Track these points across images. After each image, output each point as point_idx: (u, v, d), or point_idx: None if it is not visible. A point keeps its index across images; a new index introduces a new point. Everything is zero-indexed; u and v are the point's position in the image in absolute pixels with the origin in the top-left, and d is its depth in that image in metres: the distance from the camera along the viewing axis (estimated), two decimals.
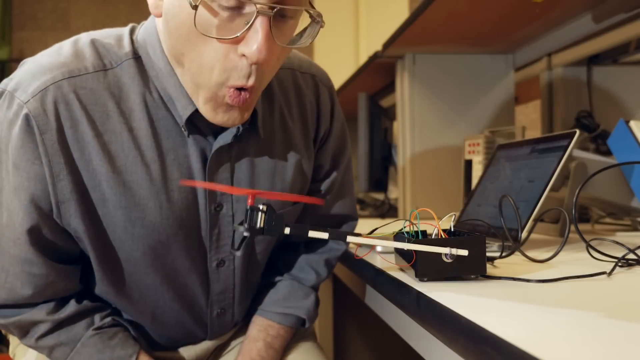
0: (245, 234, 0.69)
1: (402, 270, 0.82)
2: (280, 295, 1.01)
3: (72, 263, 0.86)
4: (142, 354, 0.90)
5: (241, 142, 0.87)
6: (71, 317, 0.87)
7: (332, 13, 3.46)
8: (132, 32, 0.86)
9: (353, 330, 2.21)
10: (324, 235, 0.71)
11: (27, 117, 0.75)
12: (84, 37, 0.84)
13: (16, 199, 0.78)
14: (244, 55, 0.72)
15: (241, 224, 0.70)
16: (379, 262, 0.92)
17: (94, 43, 0.82)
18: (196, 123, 0.83)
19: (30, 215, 0.78)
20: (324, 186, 1.01)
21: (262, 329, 1.00)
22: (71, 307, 0.87)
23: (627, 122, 1.14)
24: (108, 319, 0.89)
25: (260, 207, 0.69)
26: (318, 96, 0.97)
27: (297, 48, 0.79)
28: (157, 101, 0.82)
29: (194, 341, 1.00)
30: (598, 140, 1.56)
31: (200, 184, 0.85)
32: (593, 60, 1.72)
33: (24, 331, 0.87)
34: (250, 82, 0.74)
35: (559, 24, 1.53)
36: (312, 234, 0.71)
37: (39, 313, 0.85)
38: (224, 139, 0.84)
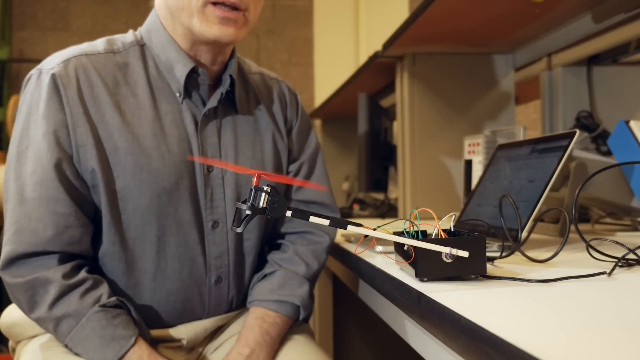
0: (248, 212, 0.71)
1: (402, 270, 0.82)
2: (275, 284, 1.07)
3: (88, 218, 0.96)
4: (140, 339, 0.93)
5: (224, 112, 1.05)
6: (81, 282, 0.92)
7: (332, 13, 3.46)
8: (134, 32, 1.06)
9: (353, 330, 2.21)
10: (325, 222, 0.71)
11: (53, 77, 0.94)
12: (98, 39, 1.05)
13: (45, 142, 0.92)
14: None
15: (244, 202, 0.71)
16: (379, 261, 0.92)
17: (105, 39, 1.04)
18: (189, 89, 1.01)
19: (57, 154, 0.92)
20: (291, 168, 1.14)
21: (258, 317, 1.04)
22: (82, 273, 0.93)
23: (627, 122, 1.14)
24: (113, 299, 0.93)
25: (265, 187, 0.71)
26: (283, 94, 1.16)
27: None
28: (155, 76, 1.01)
29: (192, 317, 1.04)
30: (598, 140, 1.56)
31: (203, 160, 1.00)
32: (593, 60, 1.71)
33: (35, 298, 0.91)
34: (233, 2, 0.94)
35: (559, 24, 1.53)
36: (314, 219, 0.71)
37: (54, 273, 0.91)
38: (211, 103, 1.02)
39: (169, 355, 1.01)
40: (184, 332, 1.03)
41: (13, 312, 1.06)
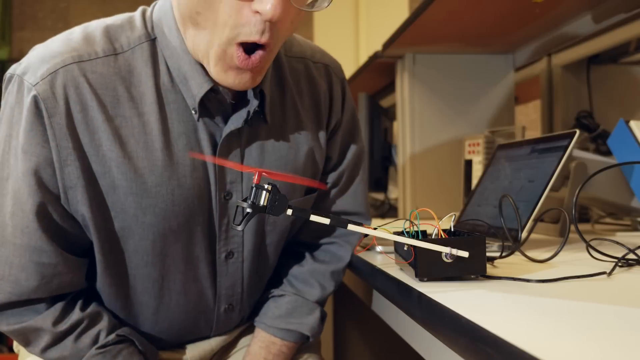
0: (248, 210, 0.70)
1: (402, 270, 0.82)
2: (284, 311, 0.98)
3: (80, 255, 0.84)
4: None
5: (251, 127, 0.86)
6: (75, 327, 0.83)
7: (332, 13, 3.46)
8: (143, 13, 0.85)
9: (353, 330, 2.20)
10: (325, 221, 0.71)
11: (35, 100, 0.75)
12: (95, 23, 0.83)
13: (25, 184, 0.76)
14: (257, 12, 0.71)
15: (245, 200, 0.71)
16: (379, 262, 0.92)
17: (104, 27, 0.82)
18: (207, 105, 0.82)
19: (39, 199, 0.77)
20: (330, 178, 0.99)
21: (264, 346, 0.97)
22: (75, 315, 0.83)
23: (627, 122, 1.14)
24: (112, 336, 0.85)
25: (265, 186, 0.70)
26: (331, 86, 0.97)
27: (313, 11, 0.78)
28: (168, 84, 0.81)
29: (197, 338, 0.98)
30: (598, 140, 1.56)
31: (209, 159, 0.83)
32: (593, 60, 1.71)
33: (27, 341, 0.84)
34: (264, 38, 0.73)
35: (559, 24, 1.53)
36: (314, 217, 0.71)
37: (44, 321, 0.82)
38: (235, 123, 0.83)
39: None
40: (189, 354, 0.97)
41: None
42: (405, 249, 0.75)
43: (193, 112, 0.82)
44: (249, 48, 0.75)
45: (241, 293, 0.94)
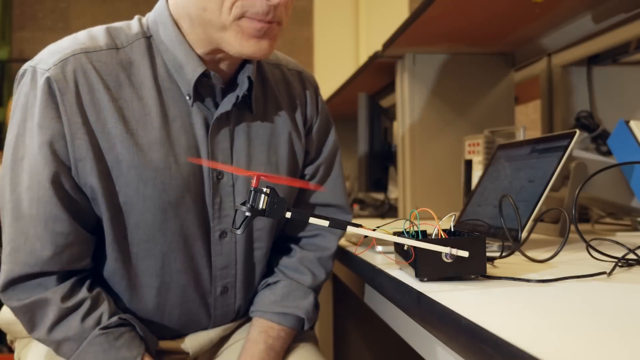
0: (247, 213, 0.71)
1: (402, 270, 0.82)
2: (279, 296, 1.03)
3: (89, 231, 0.90)
4: (147, 356, 0.90)
5: (239, 114, 0.97)
6: (80, 304, 0.88)
7: (332, 13, 3.46)
8: (139, 19, 0.97)
9: (353, 330, 2.21)
10: (325, 223, 0.71)
11: (48, 81, 0.85)
12: (97, 26, 0.95)
13: (40, 156, 0.85)
14: None
15: (244, 204, 0.71)
16: (379, 262, 0.92)
17: (106, 28, 0.93)
18: (200, 91, 0.93)
19: (54, 169, 0.85)
20: (308, 170, 1.08)
21: (262, 331, 1.01)
22: (82, 294, 0.89)
23: (627, 122, 1.14)
24: (115, 318, 0.89)
25: (264, 189, 0.71)
26: (305, 89, 1.07)
27: None
28: (164, 74, 0.92)
29: (198, 328, 1.02)
30: (598, 140, 1.56)
31: (204, 162, 0.93)
32: (593, 60, 1.71)
33: (33, 320, 0.88)
34: (268, 18, 0.85)
35: (559, 24, 1.53)
36: (313, 220, 0.71)
37: (53, 294, 0.87)
38: (225, 106, 0.94)
39: None
40: (188, 344, 1.01)
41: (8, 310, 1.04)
42: (405, 249, 0.75)
43: (187, 97, 0.92)
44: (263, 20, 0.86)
45: (235, 276, 1.00)
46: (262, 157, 0.99)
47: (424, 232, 0.75)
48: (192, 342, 1.01)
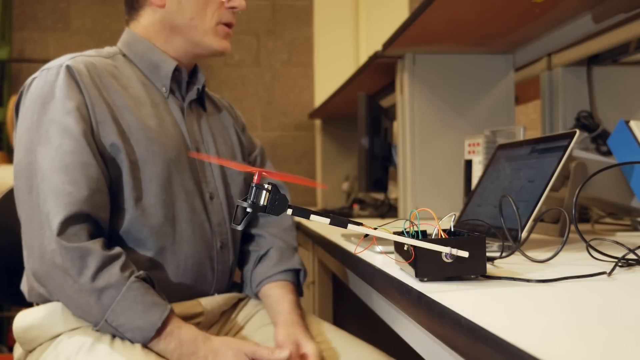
0: (248, 209, 0.72)
1: (402, 270, 0.82)
2: (275, 260, 1.23)
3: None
4: (173, 309, 1.01)
5: (197, 108, 1.24)
6: (119, 256, 0.99)
7: (332, 13, 3.46)
8: (110, 47, 1.22)
9: (353, 330, 2.20)
10: (325, 221, 0.72)
11: (68, 68, 1.07)
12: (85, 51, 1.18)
13: (72, 117, 1.03)
14: (233, 7, 1.19)
15: (245, 199, 0.72)
16: (379, 261, 0.92)
17: (93, 50, 1.18)
18: (172, 87, 1.19)
19: (84, 126, 1.03)
20: (252, 158, 1.36)
21: (280, 287, 1.19)
22: (117, 249, 1.01)
23: (627, 122, 1.14)
24: (142, 272, 1.01)
25: (266, 185, 0.71)
26: (229, 105, 1.39)
27: None
28: (141, 76, 1.17)
29: (205, 285, 1.15)
30: (598, 140, 1.56)
31: (206, 157, 1.20)
32: (593, 60, 1.71)
33: (79, 265, 0.95)
34: (234, 20, 1.21)
35: (559, 24, 1.53)
36: (314, 217, 0.72)
37: (94, 245, 0.97)
38: (190, 96, 1.22)
39: None
40: (201, 306, 1.13)
41: (27, 316, 1.05)
42: (405, 248, 0.75)
43: (164, 89, 1.18)
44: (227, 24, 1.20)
45: (227, 233, 1.20)
46: (222, 141, 1.26)
47: (424, 232, 0.75)
48: (205, 304, 1.14)
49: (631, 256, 0.81)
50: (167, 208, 1.10)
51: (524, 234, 0.92)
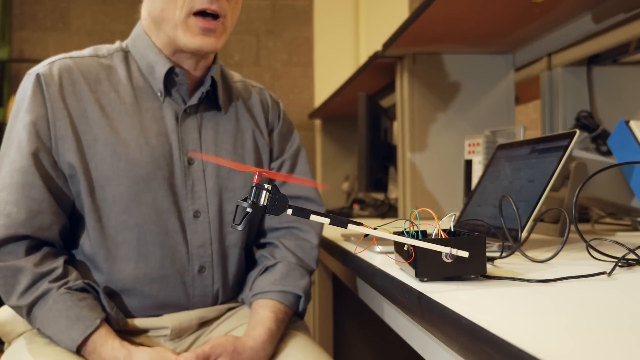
0: (248, 209, 0.71)
1: (402, 270, 0.82)
2: (278, 276, 1.10)
3: (62, 208, 1.02)
4: (104, 324, 0.96)
5: (208, 110, 1.12)
6: (52, 271, 0.97)
7: (332, 13, 3.46)
8: (120, 42, 1.14)
9: (353, 330, 2.21)
10: (326, 221, 0.71)
11: (38, 76, 1.02)
12: (86, 48, 1.12)
13: (25, 133, 0.99)
14: None
15: (245, 200, 0.71)
16: (379, 261, 0.92)
17: (91, 47, 1.12)
18: (170, 88, 1.08)
19: (36, 144, 0.99)
20: (273, 165, 1.19)
21: (266, 306, 1.06)
22: (55, 263, 0.98)
23: (627, 122, 1.14)
24: (79, 282, 0.98)
25: (266, 186, 0.71)
26: (265, 100, 1.22)
27: None
28: (138, 77, 1.08)
29: (177, 307, 1.06)
30: (598, 140, 1.56)
31: (206, 157, 1.07)
32: (593, 60, 1.71)
33: (8, 286, 0.96)
34: (213, 6, 1.00)
35: (559, 24, 1.53)
36: (314, 217, 0.71)
37: (26, 262, 0.96)
38: (192, 101, 1.09)
39: (153, 345, 1.03)
40: (168, 321, 1.05)
41: (3, 311, 1.09)
42: (405, 248, 0.75)
43: (159, 93, 1.07)
44: (208, 15, 1.01)
45: (211, 256, 1.08)
46: (229, 148, 1.12)
47: (424, 232, 0.75)
48: (172, 320, 1.05)
49: (631, 256, 0.81)
50: (130, 230, 1.02)
51: (524, 234, 0.92)
